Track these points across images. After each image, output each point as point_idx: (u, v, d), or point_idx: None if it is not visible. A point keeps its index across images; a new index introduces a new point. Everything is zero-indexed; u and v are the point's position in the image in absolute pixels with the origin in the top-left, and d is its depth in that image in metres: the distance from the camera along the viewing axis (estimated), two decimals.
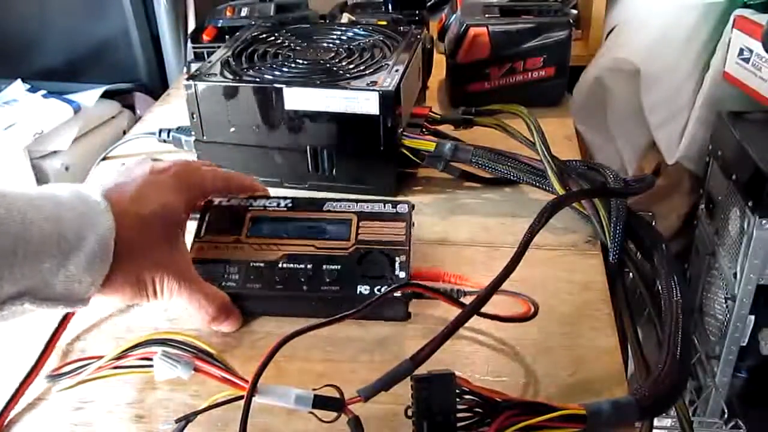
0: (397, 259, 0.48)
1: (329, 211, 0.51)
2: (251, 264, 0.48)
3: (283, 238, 0.50)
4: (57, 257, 0.38)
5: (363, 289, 0.47)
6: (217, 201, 0.53)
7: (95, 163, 0.74)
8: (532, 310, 0.46)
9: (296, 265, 0.48)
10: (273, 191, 0.64)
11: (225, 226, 0.51)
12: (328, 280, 0.47)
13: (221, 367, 0.40)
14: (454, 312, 0.40)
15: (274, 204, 0.52)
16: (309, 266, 0.48)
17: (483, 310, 0.44)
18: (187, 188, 0.47)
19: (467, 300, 0.46)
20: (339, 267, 0.48)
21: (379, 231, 0.50)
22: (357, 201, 0.52)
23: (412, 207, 0.51)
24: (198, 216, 0.52)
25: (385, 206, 0.51)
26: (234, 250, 0.49)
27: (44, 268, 0.37)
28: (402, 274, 0.47)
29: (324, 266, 0.48)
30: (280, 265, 0.48)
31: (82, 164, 0.82)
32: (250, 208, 0.52)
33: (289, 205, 0.52)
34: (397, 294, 0.46)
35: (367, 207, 0.52)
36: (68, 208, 0.39)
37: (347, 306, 0.41)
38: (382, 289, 0.46)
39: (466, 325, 0.40)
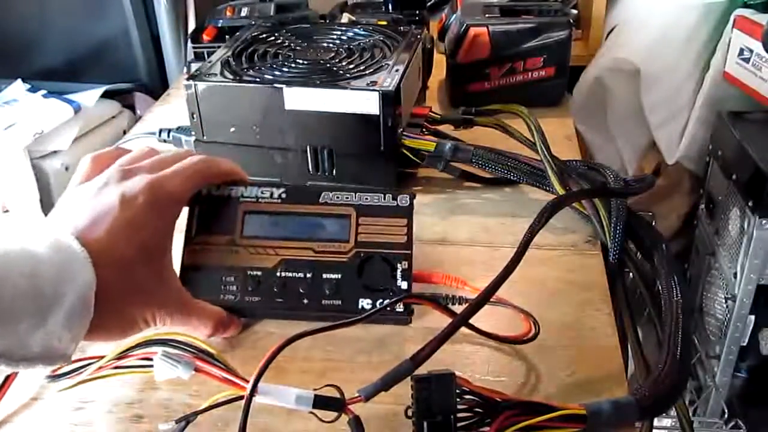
0: (398, 266, 0.47)
1: (326, 203, 0.49)
2: (248, 273, 0.47)
3: (279, 240, 0.48)
4: (35, 316, 0.35)
5: (365, 303, 0.46)
6: (204, 191, 0.49)
7: None
8: (533, 332, 0.46)
9: (295, 274, 0.47)
10: None
11: (217, 223, 0.48)
12: (328, 292, 0.46)
13: (222, 367, 0.40)
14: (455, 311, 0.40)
15: (267, 195, 0.49)
16: (308, 275, 0.47)
17: (483, 324, 0.44)
18: (163, 211, 0.43)
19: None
20: (339, 276, 0.47)
21: (379, 230, 0.48)
22: (355, 191, 0.49)
23: (413, 197, 0.49)
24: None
25: (384, 197, 0.49)
26: (229, 255, 0.48)
27: (21, 327, 0.35)
28: (404, 285, 0.46)
29: (324, 275, 0.47)
30: (278, 273, 0.47)
31: None
32: (241, 199, 0.49)
33: (284, 195, 0.49)
34: (399, 309, 0.46)
35: (366, 199, 0.48)
36: (45, 262, 0.37)
37: (348, 316, 0.40)
38: (384, 302, 0.45)
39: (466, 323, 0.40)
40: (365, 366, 0.45)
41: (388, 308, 0.44)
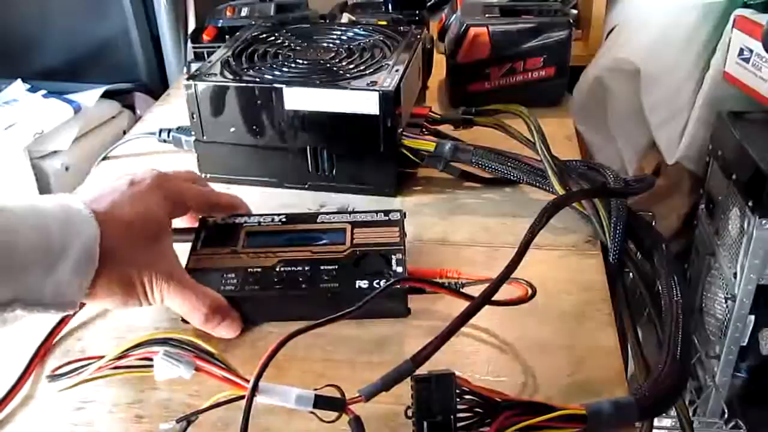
0: (393, 257, 0.49)
1: (323, 222, 0.53)
2: (249, 270, 0.49)
3: (279, 247, 0.50)
4: (44, 265, 0.39)
5: (362, 283, 0.47)
6: (211, 220, 0.53)
7: (95, 163, 0.74)
8: (530, 292, 0.46)
9: (294, 268, 0.48)
10: (273, 191, 0.65)
11: (221, 241, 0.51)
12: (326, 278, 0.47)
13: (222, 366, 0.40)
14: (455, 310, 0.40)
15: (269, 220, 0.53)
16: (307, 268, 0.48)
17: None
18: (166, 196, 0.47)
19: (466, 291, 0.46)
20: (336, 267, 0.48)
21: (373, 235, 0.51)
22: (349, 213, 0.54)
23: (404, 215, 0.53)
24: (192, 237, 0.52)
25: (377, 215, 0.53)
26: (231, 260, 0.50)
27: (32, 275, 0.39)
28: (400, 269, 0.48)
29: (321, 267, 0.48)
30: (277, 269, 0.48)
31: (82, 164, 0.82)
32: (244, 224, 0.53)
33: (283, 220, 0.53)
34: (397, 286, 0.46)
35: (360, 217, 0.53)
36: (52, 218, 0.40)
37: (347, 304, 0.41)
38: (381, 283, 0.46)
39: (466, 323, 0.40)
40: (365, 366, 0.45)
41: (386, 290, 0.44)
